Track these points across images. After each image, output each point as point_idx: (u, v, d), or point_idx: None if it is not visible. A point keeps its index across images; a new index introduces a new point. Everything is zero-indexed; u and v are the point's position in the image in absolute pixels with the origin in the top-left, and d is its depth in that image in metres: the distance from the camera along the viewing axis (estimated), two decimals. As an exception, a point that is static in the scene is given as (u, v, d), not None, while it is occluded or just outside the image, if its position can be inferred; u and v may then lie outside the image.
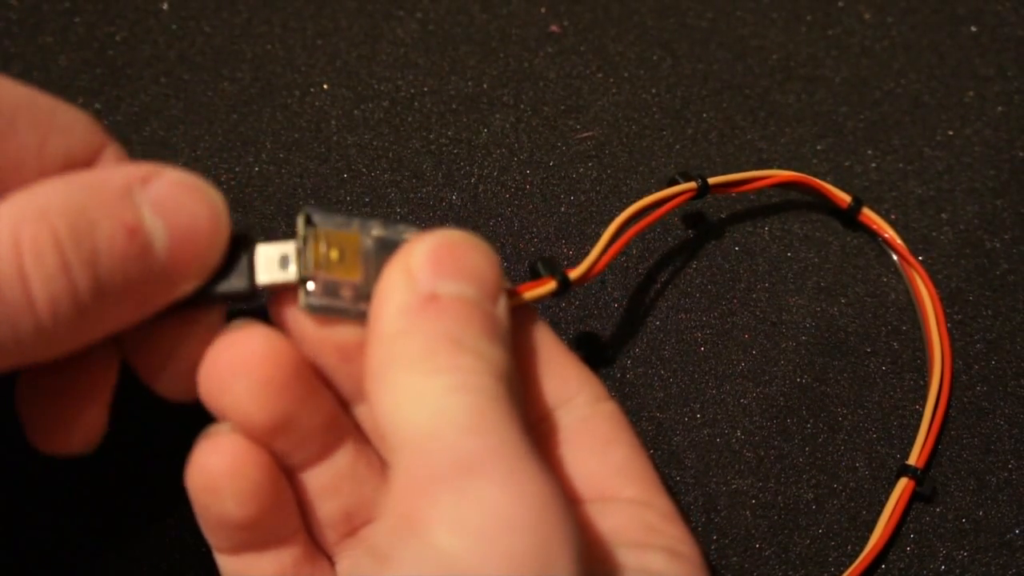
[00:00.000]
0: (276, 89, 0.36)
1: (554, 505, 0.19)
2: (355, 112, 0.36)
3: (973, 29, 0.40)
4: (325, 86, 0.37)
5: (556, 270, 0.27)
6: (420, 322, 0.22)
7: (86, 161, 0.23)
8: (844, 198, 0.35)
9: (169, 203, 0.22)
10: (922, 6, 0.40)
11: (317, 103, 0.36)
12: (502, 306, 0.23)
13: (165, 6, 0.38)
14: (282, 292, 0.24)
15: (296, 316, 0.24)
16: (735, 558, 0.30)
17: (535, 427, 0.25)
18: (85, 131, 0.23)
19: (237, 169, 0.35)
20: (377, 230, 0.24)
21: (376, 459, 0.26)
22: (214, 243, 0.23)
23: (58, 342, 0.21)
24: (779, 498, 0.31)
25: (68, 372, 0.23)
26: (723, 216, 0.36)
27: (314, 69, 0.37)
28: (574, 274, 0.27)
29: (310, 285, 0.23)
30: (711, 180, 0.33)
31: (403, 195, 0.35)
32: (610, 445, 0.25)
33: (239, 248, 0.23)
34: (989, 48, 0.39)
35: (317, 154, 0.35)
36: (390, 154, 0.36)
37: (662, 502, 0.24)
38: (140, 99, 0.36)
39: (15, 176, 0.22)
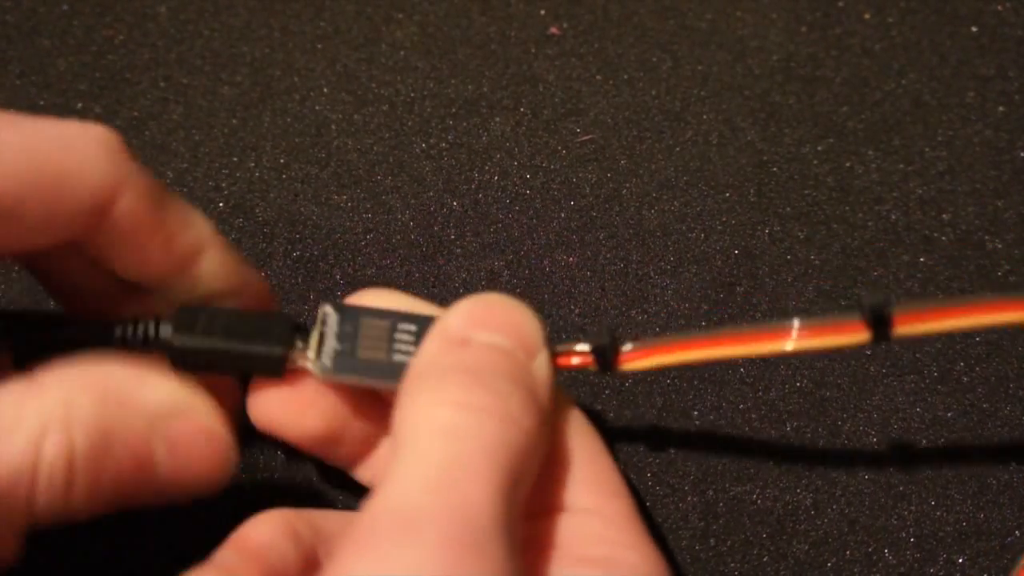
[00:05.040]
0: (276, 93, 0.37)
1: None
2: (355, 116, 0.36)
3: (974, 29, 0.39)
4: (325, 90, 0.37)
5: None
6: (444, 358, 0.23)
7: (106, 201, 0.24)
8: None
9: (184, 448, 0.23)
10: (923, 6, 0.40)
11: (317, 107, 0.36)
12: (541, 362, 0.24)
13: (163, 9, 0.38)
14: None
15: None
16: (733, 564, 0.30)
17: None
18: (96, 177, 0.24)
19: (237, 174, 0.35)
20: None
21: None
22: (212, 484, 0.24)
23: (41, 527, 0.22)
24: (777, 504, 0.31)
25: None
26: (724, 218, 0.36)
27: (314, 73, 0.37)
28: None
29: None
30: None
31: (404, 201, 0.35)
32: (565, 457, 0.25)
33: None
34: (990, 48, 0.39)
35: (317, 159, 0.36)
36: (391, 159, 0.36)
37: (613, 507, 0.24)
38: (139, 103, 0.36)
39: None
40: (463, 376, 0.22)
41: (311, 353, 0.25)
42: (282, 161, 0.36)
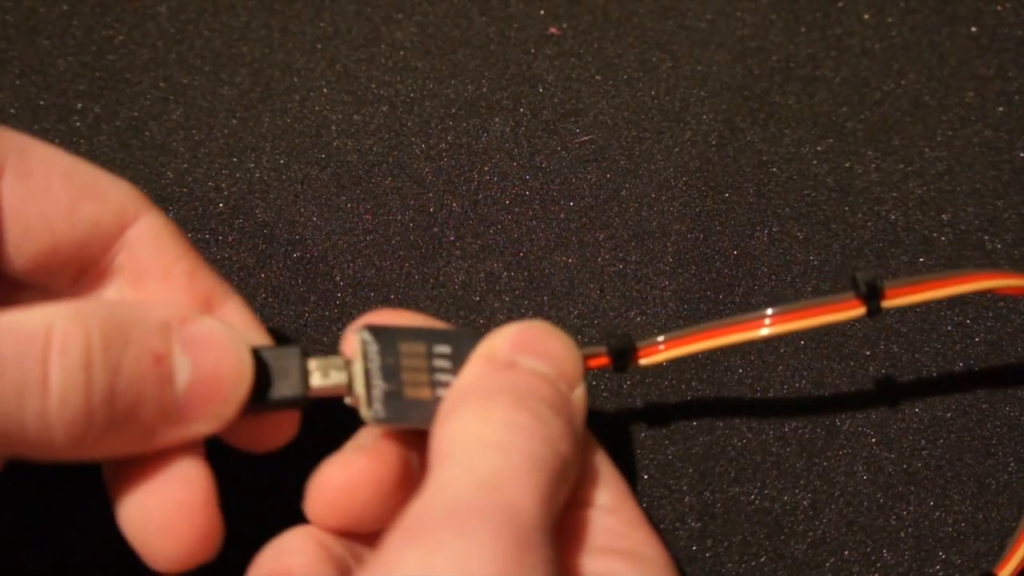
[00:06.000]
0: (275, 94, 0.37)
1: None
2: (355, 117, 0.36)
3: (973, 30, 0.39)
4: (324, 90, 0.37)
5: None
6: (490, 379, 0.23)
7: (117, 227, 0.25)
8: None
9: (200, 347, 0.23)
10: (922, 6, 0.40)
11: (317, 108, 0.36)
12: (579, 395, 0.25)
13: (163, 9, 0.38)
14: None
15: None
16: (731, 564, 0.31)
17: None
18: (121, 200, 0.25)
19: (237, 175, 0.35)
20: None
21: None
22: (234, 395, 0.23)
23: (58, 443, 0.21)
24: (775, 504, 0.31)
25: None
26: (723, 219, 0.36)
27: (313, 73, 0.37)
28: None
29: None
30: None
31: (403, 202, 0.35)
32: (587, 460, 0.26)
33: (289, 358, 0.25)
34: (989, 48, 0.39)
35: (317, 160, 0.36)
36: (390, 159, 0.36)
37: (628, 508, 0.25)
38: (139, 103, 0.36)
39: (44, 236, 0.24)
40: (509, 398, 0.23)
41: (359, 389, 0.25)
42: (282, 162, 0.36)
